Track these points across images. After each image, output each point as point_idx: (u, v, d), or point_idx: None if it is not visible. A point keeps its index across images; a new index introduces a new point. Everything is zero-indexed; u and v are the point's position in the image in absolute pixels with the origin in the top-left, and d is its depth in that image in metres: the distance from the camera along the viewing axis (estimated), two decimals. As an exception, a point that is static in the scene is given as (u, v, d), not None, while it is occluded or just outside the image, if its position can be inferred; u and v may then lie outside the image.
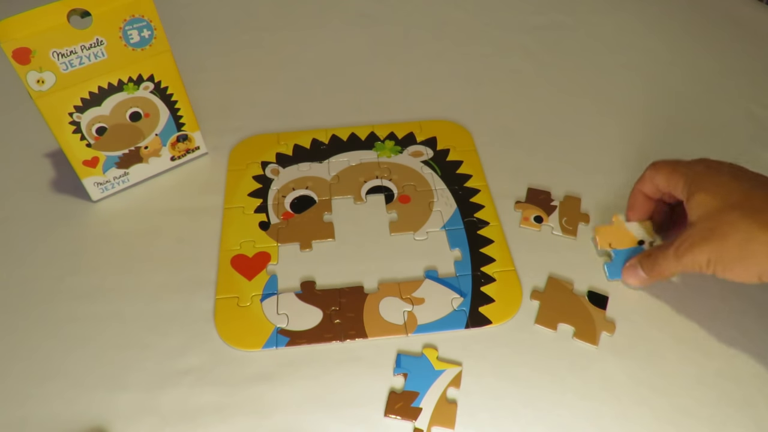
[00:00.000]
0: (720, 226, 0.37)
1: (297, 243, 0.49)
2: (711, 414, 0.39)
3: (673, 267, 0.40)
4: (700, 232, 0.38)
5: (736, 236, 0.37)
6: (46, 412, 0.40)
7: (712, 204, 0.39)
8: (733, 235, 0.37)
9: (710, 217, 0.38)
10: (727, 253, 0.37)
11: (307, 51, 0.68)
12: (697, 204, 0.39)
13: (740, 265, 0.37)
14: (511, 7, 0.73)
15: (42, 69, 0.42)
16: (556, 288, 0.45)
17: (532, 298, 0.45)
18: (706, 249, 0.38)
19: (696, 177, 0.40)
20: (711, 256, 0.38)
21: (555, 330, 0.43)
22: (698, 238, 0.38)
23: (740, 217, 0.37)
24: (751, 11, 0.72)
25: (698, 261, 0.38)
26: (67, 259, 0.48)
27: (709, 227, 0.38)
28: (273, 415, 0.39)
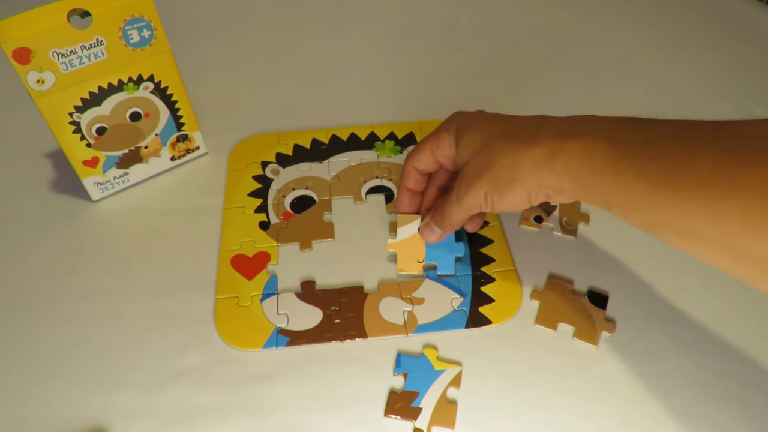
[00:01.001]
0: (489, 155, 0.38)
1: (297, 243, 0.49)
2: (711, 414, 0.39)
3: (458, 212, 0.41)
4: (473, 167, 0.39)
5: (503, 159, 0.37)
6: (46, 411, 0.40)
7: (479, 139, 0.39)
8: (501, 158, 0.37)
9: (479, 152, 0.39)
10: (499, 179, 0.38)
11: (307, 51, 0.68)
12: (465, 145, 0.40)
13: (512, 187, 0.37)
14: (512, 6, 0.73)
15: (42, 69, 0.42)
16: (556, 288, 0.45)
17: (532, 298, 0.45)
18: (482, 180, 0.38)
19: (458, 126, 0.41)
20: (487, 188, 0.38)
21: (555, 330, 0.43)
22: (473, 175, 0.39)
23: (505, 140, 0.38)
24: (751, 11, 0.72)
25: (478, 197, 0.39)
26: (67, 259, 0.48)
27: (481, 160, 0.39)
28: (273, 414, 0.39)
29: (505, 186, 0.38)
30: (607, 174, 0.33)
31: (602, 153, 0.33)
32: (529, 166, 0.36)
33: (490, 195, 0.38)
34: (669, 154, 0.31)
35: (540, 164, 0.36)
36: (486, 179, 0.38)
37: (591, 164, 0.34)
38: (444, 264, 0.46)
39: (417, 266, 0.46)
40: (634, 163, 0.32)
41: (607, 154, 0.33)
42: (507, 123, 0.40)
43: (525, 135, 0.37)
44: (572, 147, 0.35)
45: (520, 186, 0.37)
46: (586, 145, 0.34)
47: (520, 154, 0.37)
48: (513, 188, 0.37)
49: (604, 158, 0.33)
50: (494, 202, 0.39)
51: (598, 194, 0.34)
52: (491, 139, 0.39)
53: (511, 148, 0.37)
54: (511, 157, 0.37)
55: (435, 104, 0.61)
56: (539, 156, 0.36)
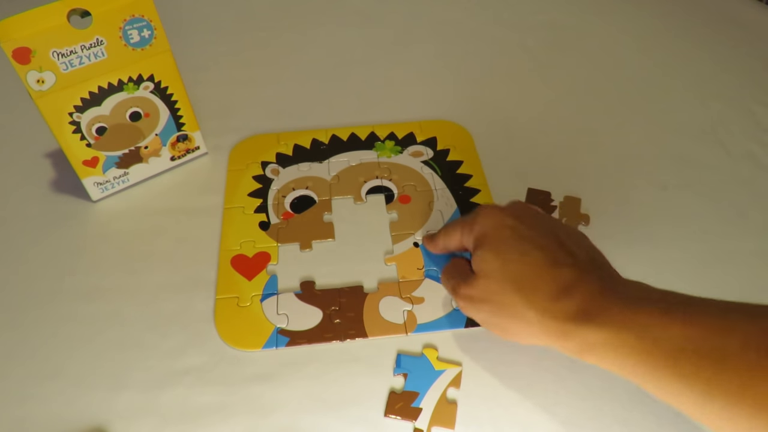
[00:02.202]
0: (497, 294, 0.37)
1: (297, 243, 0.49)
2: (711, 414, 0.39)
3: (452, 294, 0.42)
4: (481, 290, 0.38)
5: (510, 309, 0.36)
6: (46, 412, 0.40)
7: (492, 266, 0.38)
8: (508, 308, 0.36)
9: (489, 280, 0.38)
10: (501, 323, 0.38)
11: (307, 51, 0.68)
12: (479, 260, 0.39)
13: (517, 337, 0.37)
14: (511, 6, 0.73)
15: (42, 69, 0.42)
16: None
17: None
18: (485, 308, 0.38)
19: (480, 233, 0.40)
20: (488, 320, 0.38)
21: None
22: (479, 295, 0.38)
23: (514, 290, 0.36)
24: (751, 11, 0.72)
25: (475, 316, 0.40)
26: (67, 259, 0.48)
27: (488, 290, 0.38)
28: (273, 414, 0.39)
29: (506, 331, 0.38)
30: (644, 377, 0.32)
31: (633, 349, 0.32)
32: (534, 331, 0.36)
33: (490, 326, 0.39)
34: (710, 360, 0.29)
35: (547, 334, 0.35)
36: (489, 310, 0.38)
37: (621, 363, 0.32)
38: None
39: (418, 273, 0.46)
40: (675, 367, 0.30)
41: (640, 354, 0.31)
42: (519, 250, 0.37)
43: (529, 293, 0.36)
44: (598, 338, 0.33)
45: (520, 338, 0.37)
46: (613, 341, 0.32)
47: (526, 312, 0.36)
48: (513, 337, 0.38)
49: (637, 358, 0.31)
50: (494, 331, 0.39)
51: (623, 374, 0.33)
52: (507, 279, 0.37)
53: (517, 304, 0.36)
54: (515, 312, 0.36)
55: (435, 104, 0.61)
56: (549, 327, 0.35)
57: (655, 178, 0.54)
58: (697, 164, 0.55)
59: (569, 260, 0.36)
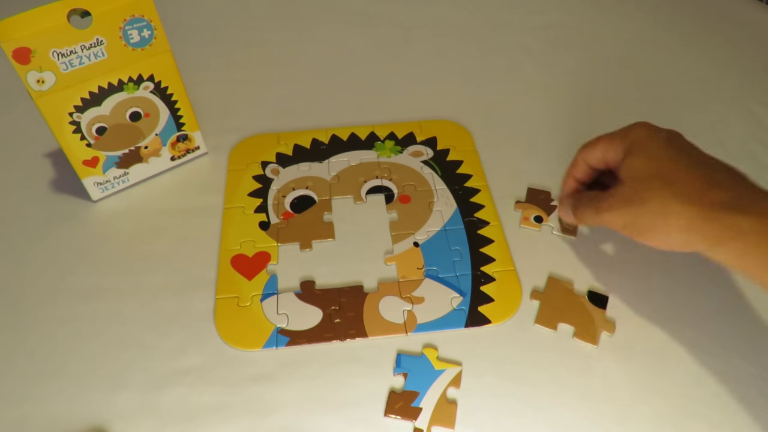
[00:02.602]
0: (641, 192, 0.37)
1: (297, 243, 0.49)
2: (711, 414, 0.39)
3: (593, 219, 0.40)
4: (623, 194, 0.38)
5: (652, 204, 0.36)
6: (46, 411, 0.40)
7: (642, 169, 0.38)
8: (650, 203, 0.36)
9: (636, 181, 0.38)
10: (641, 220, 0.37)
11: (307, 51, 0.68)
12: (628, 167, 0.39)
13: (653, 234, 0.37)
14: (511, 6, 0.73)
15: (42, 69, 0.42)
16: (556, 288, 0.45)
17: (532, 297, 0.45)
18: (624, 212, 0.38)
19: (633, 141, 0.40)
20: (627, 220, 0.38)
21: (555, 330, 0.43)
22: (619, 200, 0.38)
23: (661, 186, 0.36)
24: (750, 11, 0.72)
25: (615, 222, 0.38)
26: (67, 259, 0.48)
27: (632, 190, 0.38)
28: (273, 414, 0.39)
29: (647, 229, 0.37)
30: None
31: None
32: (679, 227, 0.35)
33: (630, 228, 0.38)
34: None
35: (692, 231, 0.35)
36: (628, 212, 0.37)
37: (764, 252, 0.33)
38: (443, 267, 0.46)
39: (418, 273, 0.46)
40: None
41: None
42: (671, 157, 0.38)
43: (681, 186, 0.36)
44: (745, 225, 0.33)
45: (662, 236, 0.36)
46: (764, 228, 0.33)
47: (668, 206, 0.35)
48: (655, 234, 0.37)
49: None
50: (633, 235, 0.38)
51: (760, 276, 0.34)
52: (649, 178, 0.37)
53: (663, 196, 0.36)
54: (660, 204, 0.36)
55: (435, 104, 0.61)
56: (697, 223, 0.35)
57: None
58: (697, 164, 0.55)
59: (722, 167, 0.37)
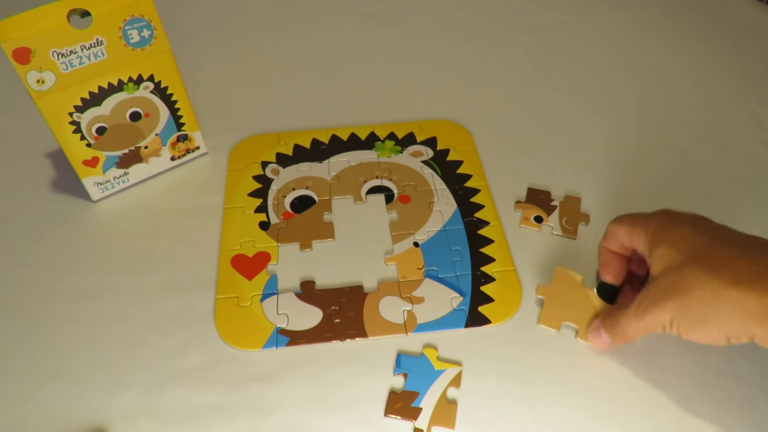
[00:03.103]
0: (683, 281, 0.34)
1: (297, 243, 0.49)
2: (712, 413, 0.39)
3: (635, 328, 0.37)
4: (663, 288, 0.35)
5: (700, 292, 0.34)
6: (46, 412, 0.40)
7: (675, 257, 0.35)
8: (697, 291, 0.34)
9: (673, 272, 0.35)
10: (692, 311, 0.34)
11: (307, 51, 0.68)
12: (659, 257, 0.36)
13: (706, 325, 0.34)
14: (511, 6, 0.73)
15: (42, 69, 0.42)
16: (563, 282, 0.44)
17: (538, 293, 0.44)
18: (669, 306, 0.35)
19: (657, 230, 0.38)
20: (674, 315, 0.35)
21: (558, 330, 0.43)
22: (660, 295, 0.35)
23: (704, 272, 0.34)
24: (751, 11, 0.72)
25: (661, 320, 0.36)
26: (67, 259, 0.48)
27: (671, 282, 0.35)
28: (273, 414, 0.39)
29: (699, 319, 0.34)
30: None
31: None
32: (732, 314, 0.32)
33: (678, 323, 0.35)
34: None
35: (748, 316, 0.32)
36: (675, 305, 0.35)
37: None
38: (443, 267, 0.46)
39: (418, 273, 0.46)
40: None
41: None
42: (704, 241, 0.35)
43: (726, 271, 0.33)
44: None
45: (720, 324, 0.33)
46: None
47: (718, 292, 0.33)
48: (708, 325, 0.34)
49: None
50: (682, 331, 0.35)
51: None
52: (687, 265, 0.35)
53: (710, 283, 0.33)
54: (710, 292, 0.33)
55: (435, 104, 0.61)
56: (752, 307, 0.32)
57: (656, 178, 0.54)
58: (698, 164, 0.55)
59: (758, 242, 0.35)
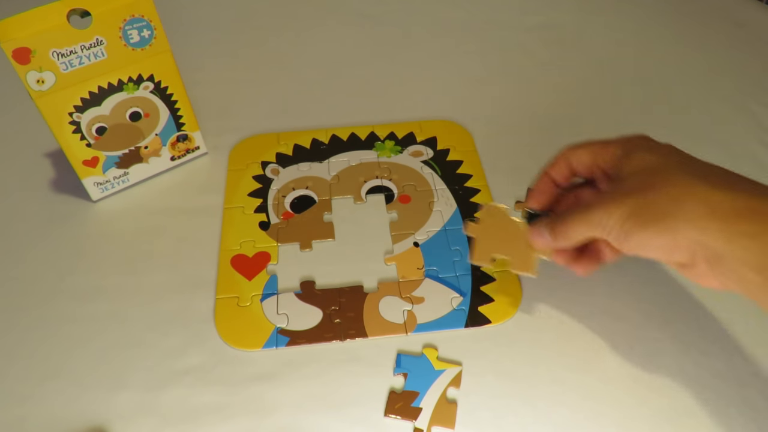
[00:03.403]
0: (655, 178, 0.31)
1: (297, 243, 0.49)
2: (711, 414, 0.39)
3: (579, 226, 0.34)
4: (628, 185, 0.32)
5: (673, 189, 0.30)
6: (45, 411, 0.40)
7: (653, 161, 0.32)
8: (670, 188, 0.30)
9: (647, 173, 0.32)
10: (651, 208, 0.30)
11: (307, 51, 0.68)
12: (636, 160, 0.33)
13: (663, 223, 0.30)
14: (511, 6, 0.73)
15: (42, 69, 0.42)
16: (494, 216, 0.41)
17: (468, 233, 0.41)
18: (628, 202, 0.31)
19: (637, 143, 0.35)
20: (625, 211, 0.31)
21: (491, 264, 0.41)
22: (621, 193, 0.32)
23: (683, 173, 0.31)
24: (750, 11, 0.72)
25: (609, 218, 0.32)
26: (67, 259, 0.48)
27: (641, 180, 0.32)
28: (273, 414, 0.39)
29: (648, 218, 0.30)
30: None
31: None
32: (699, 212, 0.29)
33: (627, 222, 0.31)
34: None
35: (716, 216, 0.29)
36: (631, 201, 0.31)
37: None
38: (443, 267, 0.46)
39: (418, 273, 0.46)
40: None
41: None
42: (683, 154, 0.33)
43: (716, 176, 0.31)
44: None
45: (668, 231, 0.30)
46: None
47: (695, 191, 0.29)
48: (656, 227, 0.30)
49: None
50: (625, 233, 0.31)
51: None
52: (673, 167, 0.32)
53: (688, 179, 0.30)
54: (680, 189, 0.30)
55: (435, 104, 0.61)
56: (724, 205, 0.29)
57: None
58: (697, 164, 0.55)
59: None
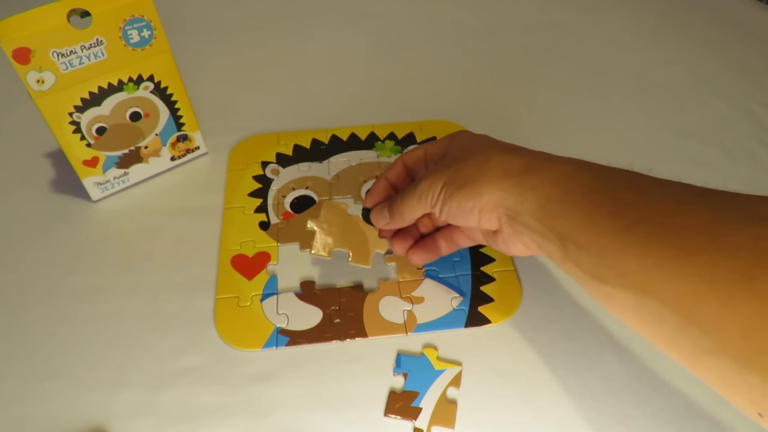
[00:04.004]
0: (467, 153, 0.36)
1: (297, 243, 0.49)
2: (711, 413, 0.39)
3: (410, 200, 0.38)
4: (446, 162, 0.37)
5: (477, 158, 0.35)
6: (45, 411, 0.40)
7: (468, 141, 0.38)
8: (475, 157, 0.36)
9: (461, 149, 0.37)
10: (462, 175, 0.35)
11: (307, 51, 0.68)
12: (452, 143, 0.39)
13: (470, 186, 0.35)
14: (511, 6, 0.73)
15: (42, 69, 0.42)
16: (332, 212, 0.45)
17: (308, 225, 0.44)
18: (446, 172, 0.36)
19: (457, 133, 0.40)
20: (445, 180, 0.36)
21: (329, 256, 0.43)
22: (440, 168, 0.37)
23: (488, 146, 0.36)
24: (750, 11, 0.72)
25: (434, 187, 0.37)
26: (66, 259, 0.48)
27: (454, 156, 0.37)
28: (273, 414, 0.39)
29: (461, 184, 0.35)
30: (581, 204, 0.30)
31: (583, 182, 0.31)
32: (497, 173, 0.34)
33: (445, 189, 0.36)
34: (650, 201, 0.29)
35: (509, 175, 0.34)
36: (450, 171, 0.36)
37: (567, 191, 0.31)
38: (443, 267, 0.46)
39: (418, 273, 0.46)
40: (614, 200, 0.30)
41: (587, 185, 0.31)
42: (507, 143, 0.38)
43: (513, 148, 0.36)
44: (554, 168, 0.33)
45: (476, 193, 0.34)
46: (569, 171, 0.32)
47: (495, 157, 0.35)
48: (467, 190, 0.35)
49: (583, 188, 0.31)
50: (444, 200, 0.36)
51: (558, 225, 0.31)
52: (481, 144, 0.37)
53: (490, 151, 0.35)
54: (484, 157, 0.35)
55: (435, 104, 0.61)
56: (514, 166, 0.34)
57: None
58: (697, 164, 0.55)
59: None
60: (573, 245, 0.30)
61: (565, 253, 0.31)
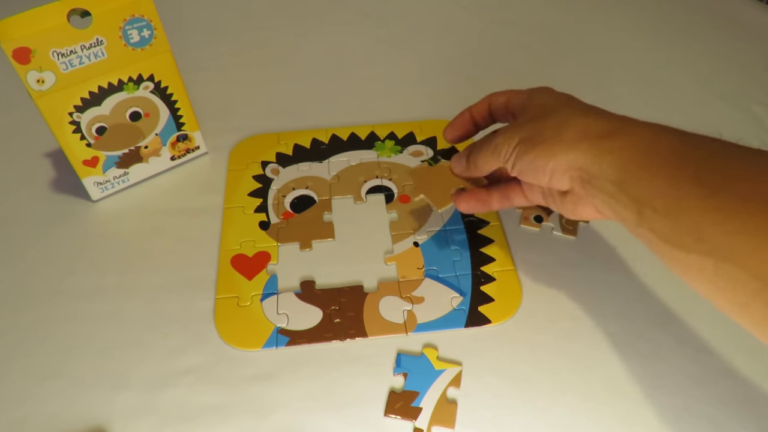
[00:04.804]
0: (546, 111, 0.36)
1: (297, 243, 0.49)
2: (711, 413, 0.39)
3: (486, 151, 0.39)
4: (525, 117, 0.38)
5: (554, 118, 0.35)
6: (46, 411, 0.40)
7: (549, 99, 0.38)
8: (553, 117, 0.35)
9: (540, 106, 0.37)
10: (539, 133, 0.35)
11: (307, 51, 0.68)
12: (532, 98, 0.39)
13: (543, 145, 0.35)
14: (512, 6, 0.73)
15: (42, 69, 0.42)
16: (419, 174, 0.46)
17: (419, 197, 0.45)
18: (522, 128, 0.36)
19: (540, 89, 0.40)
20: (521, 136, 0.36)
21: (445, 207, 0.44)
22: (518, 124, 0.37)
23: (568, 108, 0.36)
24: (751, 11, 0.72)
25: (509, 142, 0.37)
26: (67, 259, 0.48)
27: (535, 112, 0.37)
28: (273, 414, 0.39)
29: (536, 142, 0.35)
30: (663, 168, 0.30)
31: (668, 146, 0.31)
32: (574, 135, 0.33)
33: (520, 146, 0.36)
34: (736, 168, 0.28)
35: (586, 137, 0.33)
36: (526, 128, 0.36)
37: (648, 155, 0.31)
38: (443, 267, 0.47)
39: (418, 272, 0.46)
40: (699, 165, 0.29)
41: (671, 149, 0.30)
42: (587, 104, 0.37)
43: (594, 110, 0.35)
44: (636, 132, 0.32)
45: (550, 153, 0.34)
46: (652, 134, 0.32)
47: (573, 119, 0.34)
48: (541, 149, 0.35)
49: (667, 152, 0.30)
50: (517, 156, 0.36)
51: (635, 190, 0.31)
52: (562, 103, 0.37)
53: (570, 111, 0.35)
54: (562, 118, 0.35)
55: (435, 104, 0.61)
56: (594, 129, 0.33)
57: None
58: (698, 164, 0.55)
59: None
60: (649, 210, 0.30)
61: (639, 218, 0.31)
